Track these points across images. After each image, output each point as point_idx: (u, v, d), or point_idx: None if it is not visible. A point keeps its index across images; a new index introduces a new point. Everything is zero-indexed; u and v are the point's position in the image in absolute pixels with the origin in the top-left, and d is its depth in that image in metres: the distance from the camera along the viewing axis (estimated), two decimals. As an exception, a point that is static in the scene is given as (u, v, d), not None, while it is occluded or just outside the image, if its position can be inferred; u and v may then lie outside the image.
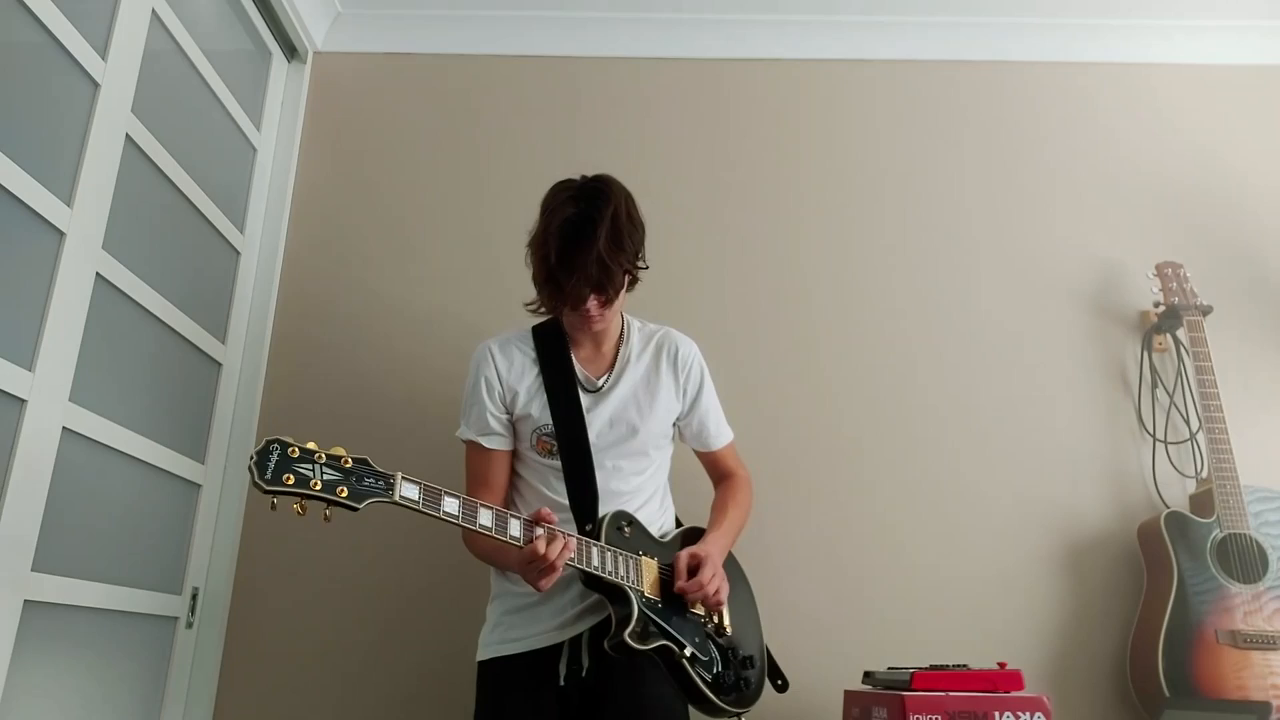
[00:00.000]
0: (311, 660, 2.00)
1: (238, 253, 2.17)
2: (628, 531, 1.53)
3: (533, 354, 1.66)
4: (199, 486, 2.00)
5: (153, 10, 1.79)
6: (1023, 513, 2.10)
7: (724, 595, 1.53)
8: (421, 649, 2.00)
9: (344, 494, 1.22)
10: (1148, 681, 1.84)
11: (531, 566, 1.37)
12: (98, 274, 1.61)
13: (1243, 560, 1.87)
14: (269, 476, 1.18)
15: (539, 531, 1.37)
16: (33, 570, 1.44)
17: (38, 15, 1.45)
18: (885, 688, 1.61)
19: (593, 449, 1.60)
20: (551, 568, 1.36)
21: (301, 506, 1.21)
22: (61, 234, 1.51)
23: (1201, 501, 2.00)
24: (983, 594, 2.03)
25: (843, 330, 2.24)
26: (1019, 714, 1.46)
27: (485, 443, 1.62)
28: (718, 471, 1.82)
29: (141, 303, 1.76)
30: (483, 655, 1.58)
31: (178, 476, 1.90)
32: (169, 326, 1.86)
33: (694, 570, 1.51)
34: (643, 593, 1.47)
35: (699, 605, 1.54)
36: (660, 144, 2.41)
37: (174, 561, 1.92)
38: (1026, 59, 2.48)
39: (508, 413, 1.63)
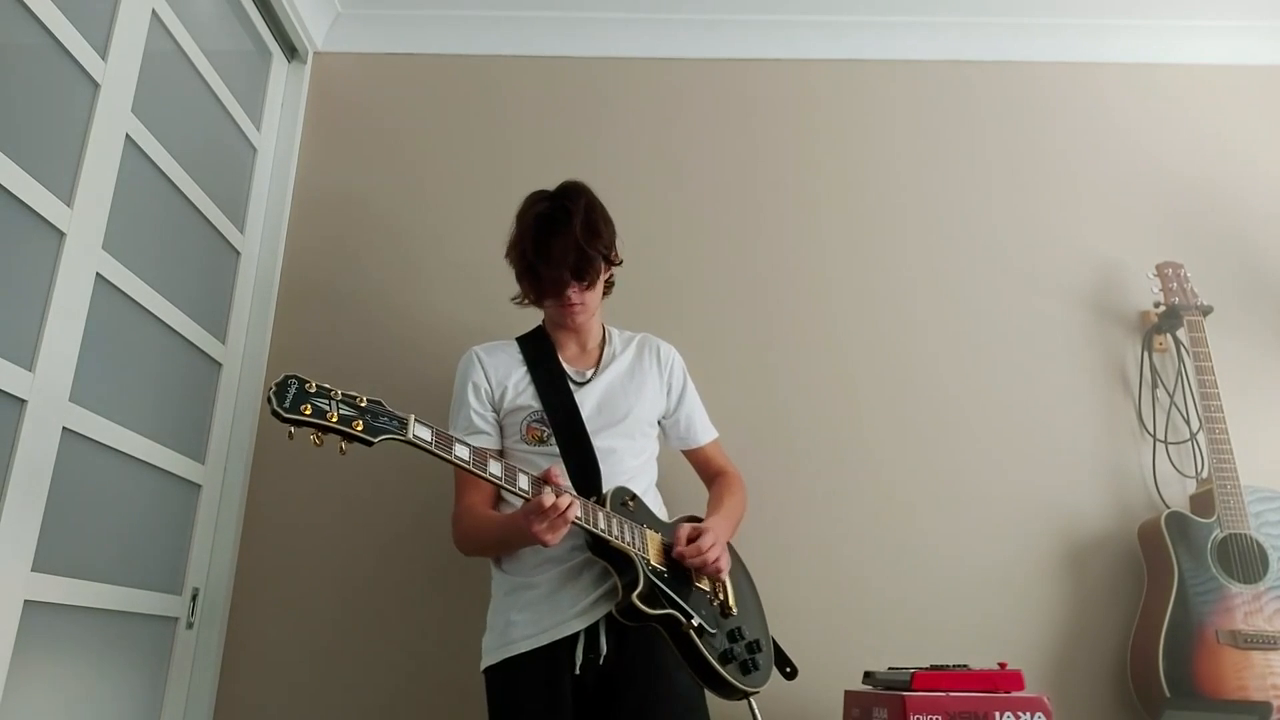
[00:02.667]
0: (311, 660, 2.00)
1: (238, 253, 2.17)
2: (631, 506, 1.56)
3: (519, 355, 1.72)
4: (199, 486, 1.99)
5: (153, 10, 1.79)
6: (1023, 512, 2.09)
7: (724, 565, 1.56)
8: (422, 650, 2.00)
9: (359, 428, 1.22)
10: (1148, 681, 1.84)
11: (540, 518, 1.36)
12: (98, 274, 1.60)
13: (1243, 560, 1.87)
14: (287, 405, 1.17)
15: (547, 487, 1.39)
16: (33, 570, 1.44)
17: (38, 15, 1.45)
18: (886, 688, 1.62)
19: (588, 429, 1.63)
20: (563, 519, 1.37)
21: (319, 438, 1.20)
22: (61, 234, 1.51)
23: (1202, 501, 2.00)
24: (983, 594, 2.03)
25: (843, 330, 2.24)
26: (1019, 714, 1.46)
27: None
28: (709, 470, 1.84)
29: (141, 303, 1.76)
30: (493, 660, 1.55)
31: (178, 476, 1.90)
32: (169, 326, 1.86)
33: (694, 540, 1.54)
34: (648, 560, 1.48)
35: (704, 580, 1.56)
36: (663, 144, 2.41)
37: (174, 561, 1.92)
38: (1028, 59, 2.48)
39: (495, 411, 1.67)
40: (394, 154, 2.40)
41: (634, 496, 1.57)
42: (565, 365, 1.71)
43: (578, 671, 1.49)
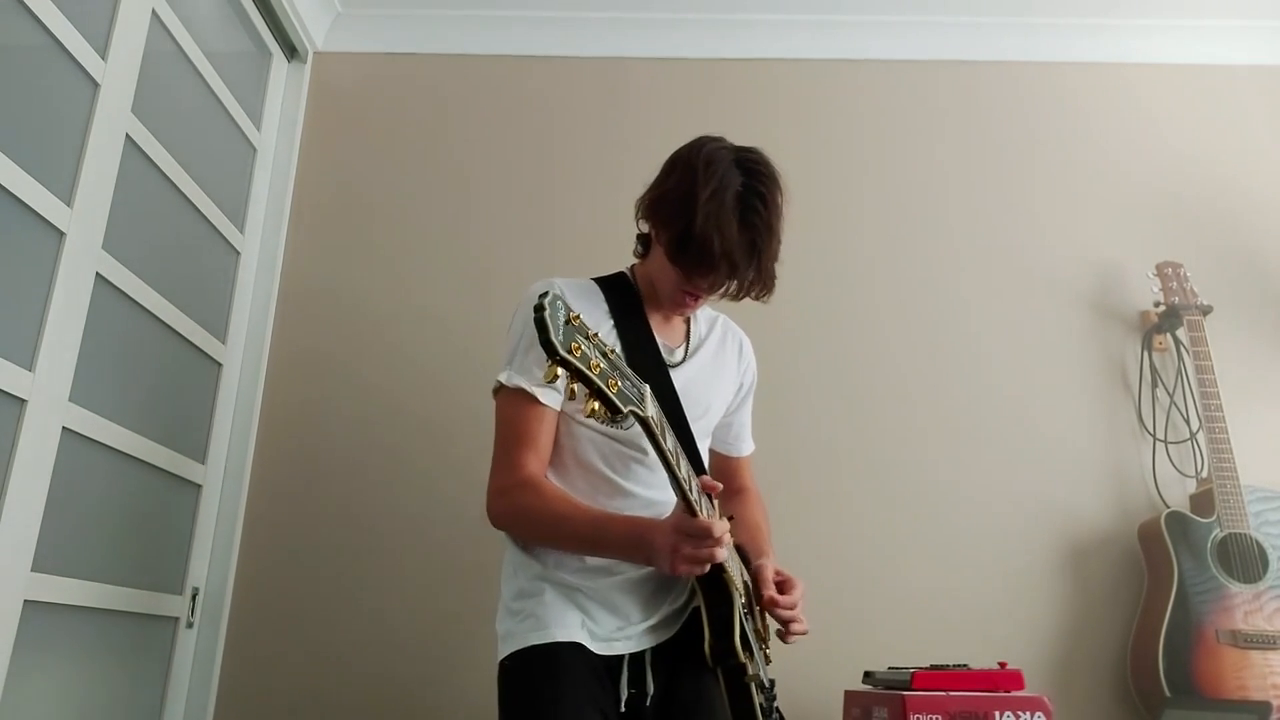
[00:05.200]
0: (312, 660, 2.00)
1: (238, 253, 2.17)
2: (729, 529, 1.38)
3: (604, 306, 1.40)
4: (199, 486, 1.99)
5: (153, 10, 1.79)
6: (1023, 513, 2.09)
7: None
8: (423, 649, 2.00)
9: (615, 389, 0.93)
10: (1148, 681, 1.84)
11: (698, 543, 1.12)
12: (98, 274, 1.60)
13: (1243, 560, 1.87)
14: (561, 338, 0.87)
15: (704, 510, 1.14)
16: (33, 570, 1.44)
17: (38, 15, 1.45)
18: (886, 688, 1.62)
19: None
20: (715, 551, 1.12)
21: (574, 389, 0.92)
22: (61, 234, 1.51)
23: (1202, 501, 2.00)
24: (983, 594, 2.03)
25: (842, 330, 2.24)
26: (1019, 714, 1.47)
27: (542, 396, 1.31)
28: (736, 482, 1.61)
29: (141, 303, 1.76)
30: (525, 643, 1.25)
31: (178, 476, 1.90)
32: (169, 326, 1.86)
33: (779, 586, 1.35)
34: (741, 598, 1.27)
35: (759, 622, 1.38)
36: (665, 145, 2.39)
37: (174, 561, 1.92)
38: (1027, 59, 2.48)
39: None
40: (394, 154, 2.40)
41: (731, 517, 1.32)
42: (656, 336, 1.41)
43: (623, 708, 1.25)
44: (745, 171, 1.33)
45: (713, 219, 1.27)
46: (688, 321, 1.50)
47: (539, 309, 0.86)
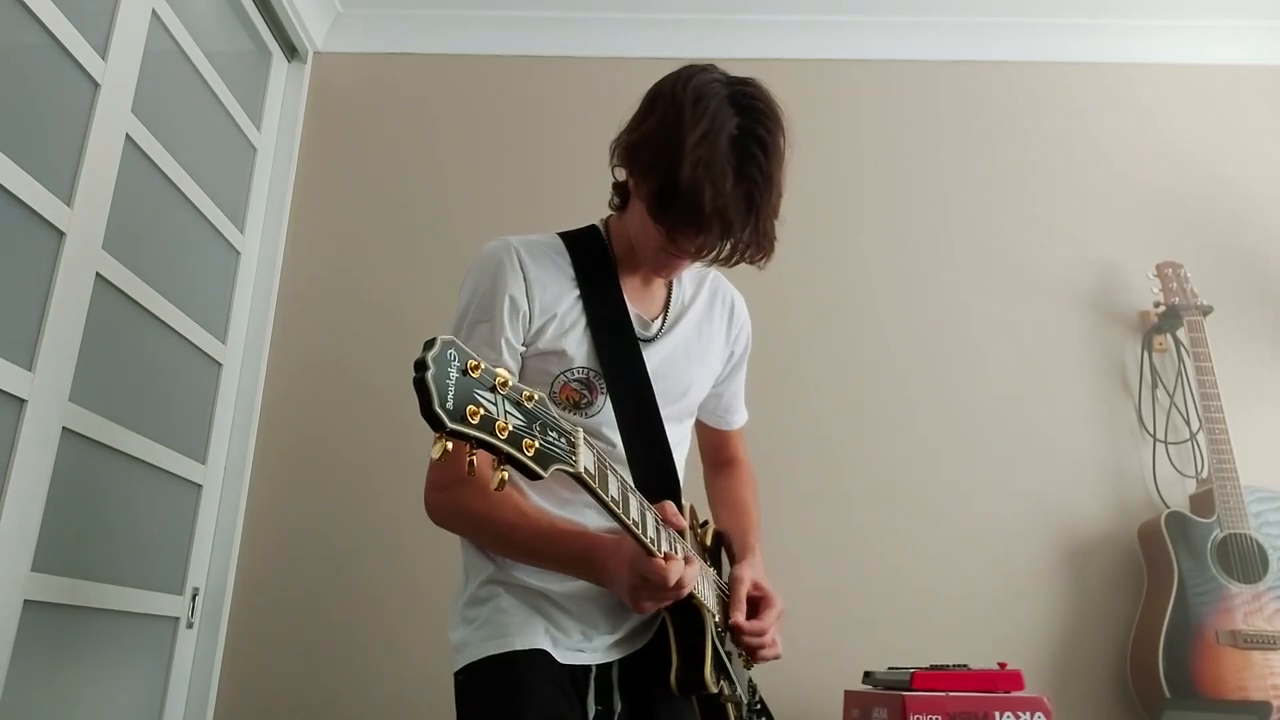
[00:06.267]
0: (311, 660, 2.00)
1: (238, 253, 2.17)
2: (700, 535, 1.21)
3: (570, 271, 1.22)
4: (199, 486, 1.99)
5: (153, 10, 1.79)
6: (1023, 513, 2.09)
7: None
8: (423, 649, 2.00)
9: (531, 452, 0.77)
10: (1148, 682, 1.84)
11: (655, 594, 1.00)
12: (98, 274, 1.60)
13: (1243, 560, 1.87)
14: (451, 405, 0.71)
15: (664, 545, 1.00)
16: (33, 570, 1.44)
17: (38, 15, 1.45)
18: (885, 688, 1.62)
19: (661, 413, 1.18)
20: (673, 595, 1.00)
21: (472, 460, 0.76)
22: (61, 234, 1.51)
23: (1202, 501, 2.00)
24: (983, 594, 2.03)
25: (842, 331, 2.24)
26: (1019, 714, 1.46)
27: None
28: (724, 454, 1.48)
29: (141, 303, 1.76)
30: (484, 653, 1.12)
31: (178, 476, 1.90)
32: (169, 326, 1.86)
33: (753, 604, 1.19)
34: (714, 617, 1.14)
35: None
36: (660, 144, 2.40)
37: (174, 561, 1.92)
38: (1027, 59, 2.48)
39: (525, 345, 1.16)
40: (394, 154, 2.40)
41: (705, 523, 1.21)
42: (630, 307, 1.23)
43: None
44: (741, 110, 1.12)
45: (703, 168, 1.06)
46: (670, 283, 1.30)
47: (420, 366, 0.69)
